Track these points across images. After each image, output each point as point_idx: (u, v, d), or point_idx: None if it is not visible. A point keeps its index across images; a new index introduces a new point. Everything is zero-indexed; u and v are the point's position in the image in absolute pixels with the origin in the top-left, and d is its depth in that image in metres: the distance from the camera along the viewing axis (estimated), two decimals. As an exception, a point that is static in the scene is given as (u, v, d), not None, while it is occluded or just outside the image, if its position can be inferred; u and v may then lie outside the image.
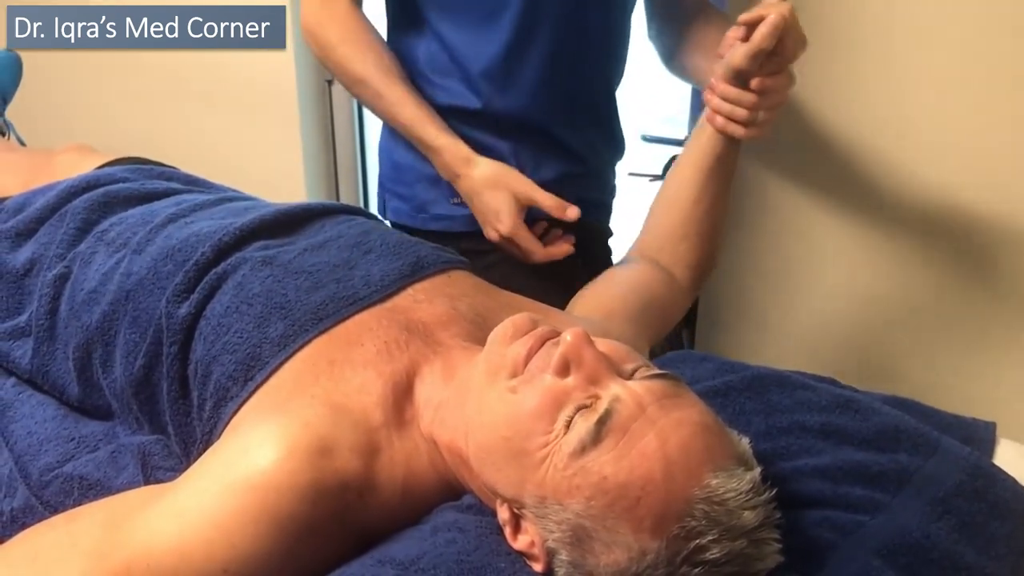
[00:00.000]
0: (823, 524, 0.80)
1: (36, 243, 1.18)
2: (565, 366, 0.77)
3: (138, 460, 0.95)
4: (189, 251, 1.03)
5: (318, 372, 0.89)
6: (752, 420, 0.91)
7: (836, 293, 1.60)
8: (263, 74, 2.24)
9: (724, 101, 1.14)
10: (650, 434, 0.72)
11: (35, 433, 1.00)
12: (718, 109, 1.15)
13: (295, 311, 0.94)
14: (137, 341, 1.00)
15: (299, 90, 2.24)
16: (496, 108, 1.32)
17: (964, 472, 0.84)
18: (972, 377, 1.49)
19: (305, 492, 0.77)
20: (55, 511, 0.90)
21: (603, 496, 0.71)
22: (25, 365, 1.10)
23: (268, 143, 2.31)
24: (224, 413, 0.91)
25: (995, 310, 1.45)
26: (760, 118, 1.13)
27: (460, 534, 0.78)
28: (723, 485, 0.71)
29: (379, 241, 1.06)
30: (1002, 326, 1.46)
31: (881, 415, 0.91)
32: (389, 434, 0.86)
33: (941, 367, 1.52)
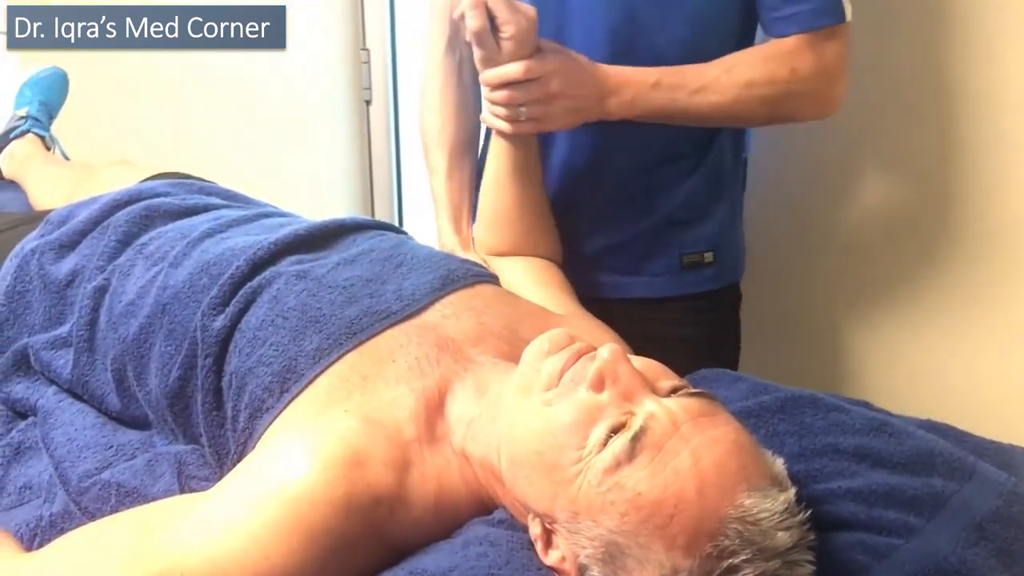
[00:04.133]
0: (856, 547, 0.79)
1: (79, 255, 1.20)
2: (601, 381, 0.77)
3: (174, 469, 0.96)
4: (224, 265, 1.05)
5: (351, 386, 0.90)
6: (785, 441, 0.90)
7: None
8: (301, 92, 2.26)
9: (488, 100, 1.16)
10: (684, 452, 0.72)
11: (75, 440, 1.02)
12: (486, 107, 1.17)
13: (330, 325, 0.95)
14: (172, 353, 1.01)
15: (337, 109, 2.27)
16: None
17: (1001, 498, 0.83)
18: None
19: (339, 505, 0.78)
20: (93, 517, 0.91)
21: (637, 513, 0.71)
22: (66, 376, 1.12)
23: (306, 161, 2.33)
24: (259, 425, 0.91)
25: None
26: (523, 114, 1.14)
27: (491, 548, 0.78)
28: (757, 505, 0.71)
29: (410, 255, 1.07)
30: None
31: (916, 439, 0.90)
32: (421, 449, 0.86)
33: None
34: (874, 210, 1.54)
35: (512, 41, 1.10)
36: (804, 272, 1.64)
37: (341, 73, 2.23)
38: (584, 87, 1.16)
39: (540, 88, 1.13)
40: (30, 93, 1.95)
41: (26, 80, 1.96)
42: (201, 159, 1.90)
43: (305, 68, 2.26)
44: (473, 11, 1.08)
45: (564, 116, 1.16)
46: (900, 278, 1.53)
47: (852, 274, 1.59)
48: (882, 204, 1.53)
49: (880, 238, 1.54)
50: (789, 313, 1.66)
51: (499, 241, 1.27)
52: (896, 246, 1.53)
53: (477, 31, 1.09)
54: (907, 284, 1.52)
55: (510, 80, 1.12)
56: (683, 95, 1.18)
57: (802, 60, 1.18)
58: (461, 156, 1.34)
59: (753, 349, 1.49)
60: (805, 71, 1.19)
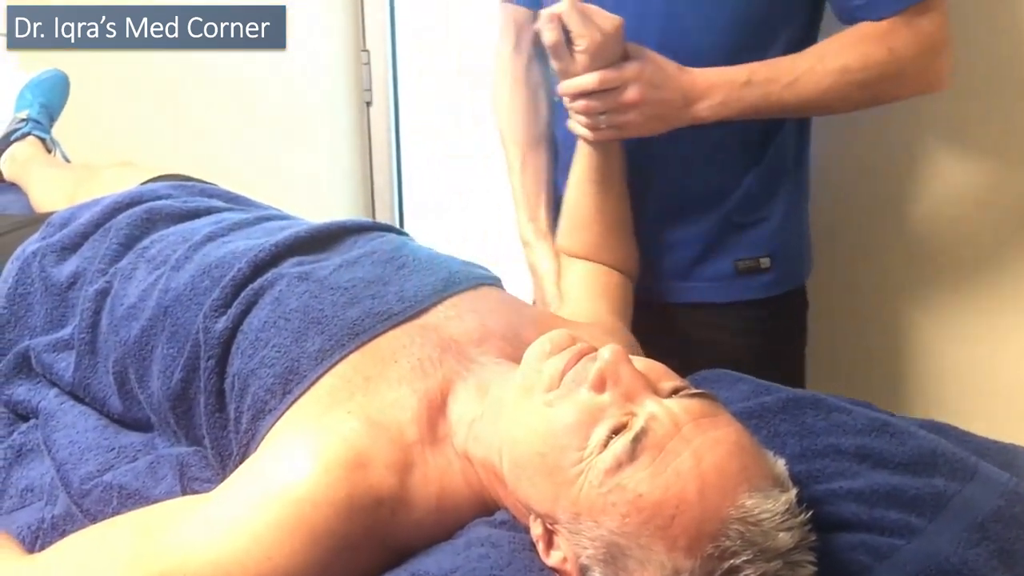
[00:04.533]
0: (858, 548, 0.79)
1: (80, 257, 1.20)
2: (602, 382, 0.77)
3: (176, 471, 0.96)
4: (226, 267, 1.05)
5: (353, 388, 0.90)
6: (787, 442, 0.90)
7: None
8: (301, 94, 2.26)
9: (571, 107, 1.16)
10: (685, 453, 0.72)
11: (76, 442, 1.02)
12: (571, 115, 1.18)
13: (332, 326, 0.95)
14: (175, 356, 1.01)
15: (338, 111, 2.27)
16: None
17: (1003, 498, 0.83)
18: None
19: (341, 507, 0.78)
20: (94, 519, 0.91)
21: (638, 514, 0.71)
22: (68, 378, 1.12)
23: (306, 162, 2.33)
24: (261, 426, 0.92)
25: None
26: (603, 121, 1.15)
27: (493, 549, 0.78)
28: (758, 506, 0.71)
29: (412, 256, 1.08)
30: None
31: (917, 439, 0.90)
32: (423, 450, 0.86)
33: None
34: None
35: (586, 54, 1.10)
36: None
37: (341, 74, 2.23)
38: (667, 93, 1.14)
39: (618, 97, 1.12)
40: (31, 96, 1.95)
41: (27, 83, 1.96)
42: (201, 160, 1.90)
43: (305, 69, 2.26)
44: (548, 25, 1.09)
45: (647, 123, 1.15)
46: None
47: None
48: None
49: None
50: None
51: (573, 243, 1.27)
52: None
53: (552, 45, 1.10)
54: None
55: (586, 91, 1.12)
56: (776, 89, 1.15)
57: (899, 39, 1.13)
58: (534, 150, 1.37)
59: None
60: (904, 49, 1.13)
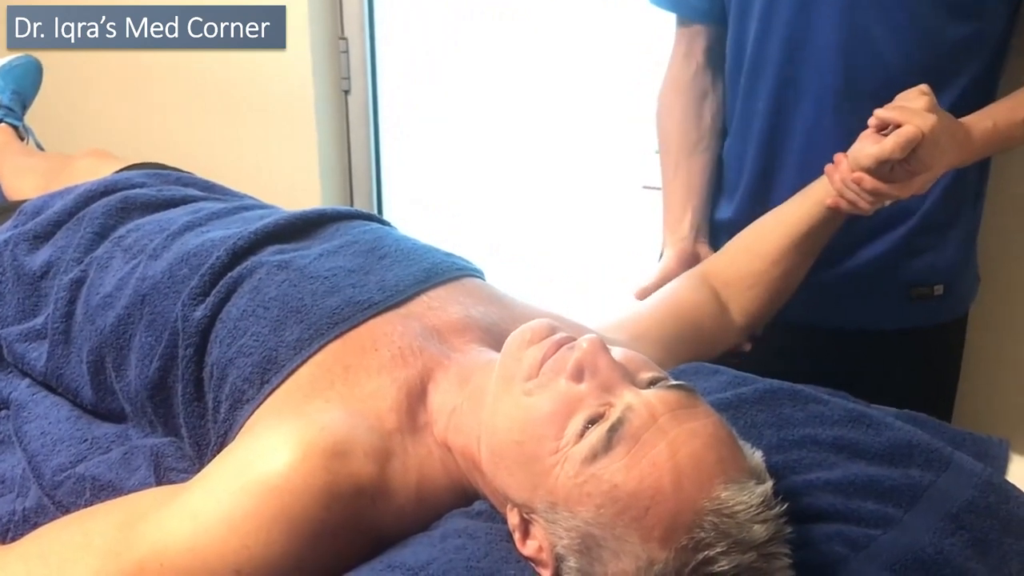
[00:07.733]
0: (835, 538, 0.79)
1: (53, 246, 1.19)
2: (580, 372, 0.77)
3: (151, 462, 0.96)
4: (205, 255, 1.04)
5: (333, 376, 0.90)
6: (764, 433, 0.91)
7: None
8: (280, 83, 2.25)
9: (849, 187, 1.09)
10: (661, 444, 0.72)
11: (49, 433, 1.01)
12: (841, 193, 1.11)
13: (311, 315, 0.94)
14: (152, 344, 1.01)
15: (316, 99, 2.25)
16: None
17: (977, 488, 0.84)
18: None
19: (319, 495, 0.78)
20: (67, 511, 0.90)
21: (613, 504, 0.71)
22: (40, 368, 1.10)
23: (284, 151, 2.32)
24: (239, 415, 0.91)
25: None
26: (886, 203, 1.11)
27: (470, 540, 0.78)
28: (733, 498, 0.71)
29: (394, 247, 1.07)
30: None
31: (894, 430, 0.90)
32: (403, 439, 0.86)
33: None
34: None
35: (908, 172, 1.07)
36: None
37: (319, 63, 2.22)
38: (948, 160, 1.11)
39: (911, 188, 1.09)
40: (2, 83, 1.92)
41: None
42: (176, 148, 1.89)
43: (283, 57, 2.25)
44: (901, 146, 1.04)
45: (923, 188, 1.12)
46: None
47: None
48: None
49: None
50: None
51: (728, 286, 1.21)
52: None
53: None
54: None
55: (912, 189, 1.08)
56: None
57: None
58: (687, 159, 1.37)
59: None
60: None
